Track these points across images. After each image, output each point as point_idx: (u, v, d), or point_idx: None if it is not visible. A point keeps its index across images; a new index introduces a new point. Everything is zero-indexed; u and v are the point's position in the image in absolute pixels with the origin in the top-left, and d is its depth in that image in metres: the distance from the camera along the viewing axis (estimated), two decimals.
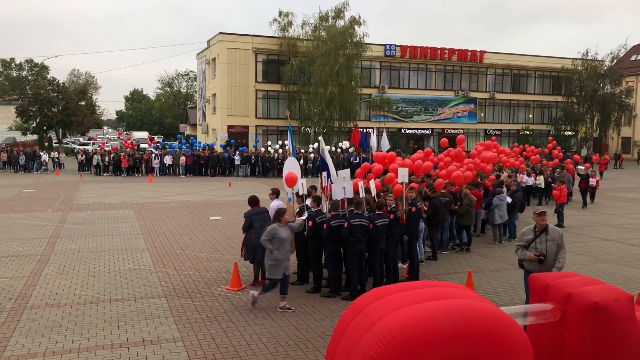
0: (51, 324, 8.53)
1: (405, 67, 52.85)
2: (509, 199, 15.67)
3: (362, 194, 11.21)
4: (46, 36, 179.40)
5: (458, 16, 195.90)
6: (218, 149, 41.76)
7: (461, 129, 53.74)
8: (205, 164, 36.78)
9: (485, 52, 54.79)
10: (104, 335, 8.09)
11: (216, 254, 13.53)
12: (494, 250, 14.67)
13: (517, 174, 20.71)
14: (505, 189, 15.80)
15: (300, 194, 11.41)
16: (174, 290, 10.44)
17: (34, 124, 56.35)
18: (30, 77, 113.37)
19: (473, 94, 55.06)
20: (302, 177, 12.11)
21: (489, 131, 55.54)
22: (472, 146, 29.37)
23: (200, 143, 43.52)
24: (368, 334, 3.93)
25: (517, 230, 15.83)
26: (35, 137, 58.64)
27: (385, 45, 51.30)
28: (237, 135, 46.53)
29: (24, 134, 64.29)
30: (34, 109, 52.74)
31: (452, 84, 54.55)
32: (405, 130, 52.61)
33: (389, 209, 10.85)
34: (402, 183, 12.12)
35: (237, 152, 37.75)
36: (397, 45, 51.60)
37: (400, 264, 11.69)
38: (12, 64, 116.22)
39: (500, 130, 56.69)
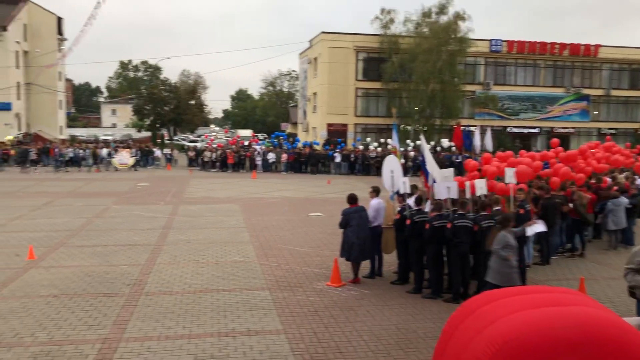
0: (164, 310, 9.05)
1: (511, 62, 50.73)
2: (625, 201, 14.47)
3: (467, 194, 10.91)
4: (160, 39, 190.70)
5: (571, 10, 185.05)
6: (318, 146, 42.33)
7: (572, 128, 50.79)
8: (306, 161, 37.41)
9: (600, 46, 51.30)
10: (212, 324, 8.46)
11: (316, 249, 13.73)
12: (609, 257, 13.71)
13: (636, 177, 19.18)
14: (621, 192, 14.69)
15: (402, 192, 11.29)
16: (276, 283, 10.72)
17: (148, 122, 60.10)
18: (145, 78, 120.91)
19: (586, 91, 51.79)
20: (403, 175, 12.00)
21: (602, 130, 51.96)
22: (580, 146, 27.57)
23: (297, 140, 44.33)
24: (479, 337, 3.80)
25: (635, 238, 14.70)
26: (149, 134, 62.49)
27: (490, 40, 49.54)
28: (336, 134, 46.93)
29: (139, 131, 68.69)
30: (148, 108, 56.22)
31: (562, 80, 51.60)
32: (511, 129, 50.53)
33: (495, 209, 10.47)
34: (509, 184, 11.65)
35: (337, 149, 38.07)
36: (504, 41, 49.65)
37: None
38: (130, 66, 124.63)
39: (616, 129, 52.82)
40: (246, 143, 40.44)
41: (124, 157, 36.76)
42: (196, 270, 11.63)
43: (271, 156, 37.63)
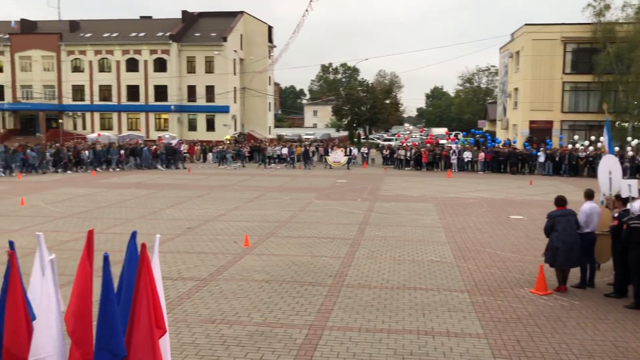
0: (364, 303, 9.37)
1: None
2: None
3: None
4: (359, 41, 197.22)
5: None
6: (519, 145, 40.13)
7: None
8: (505, 161, 35.68)
9: None
10: (410, 321, 8.53)
11: (518, 254, 13.04)
12: None
13: None
14: None
15: (625, 196, 10.18)
16: (475, 286, 10.42)
17: (346, 122, 62.57)
18: (343, 79, 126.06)
19: None
20: (623, 177, 10.82)
21: None
22: None
23: (493, 139, 42.40)
24: None
25: None
26: (346, 133, 65.00)
27: None
28: (539, 131, 43.97)
29: (338, 130, 71.77)
30: (346, 108, 58.58)
31: None
32: None
33: None
34: None
35: (541, 149, 35.64)
36: None
37: None
38: (330, 69, 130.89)
39: None
40: (453, 146, 38.96)
41: (338, 156, 38.53)
42: (393, 266, 11.82)
43: (467, 155, 36.63)
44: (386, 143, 51.34)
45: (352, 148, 40.82)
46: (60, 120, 57.28)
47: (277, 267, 11.65)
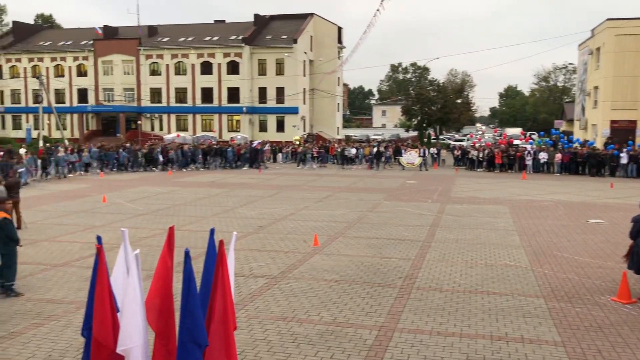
0: (435, 306, 9.23)
1: None
2: None
3: None
4: (431, 40, 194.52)
5: None
6: (598, 145, 38.27)
7: None
8: (584, 162, 34.11)
9: None
10: (483, 326, 8.33)
11: (598, 259, 12.45)
12: None
13: None
14: None
15: None
16: (552, 292, 10.04)
17: (415, 122, 61.83)
18: (413, 79, 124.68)
19: None
20: None
21: None
22: None
23: (575, 139, 40.62)
24: None
25: None
26: (415, 133, 64.24)
27: None
28: (621, 132, 41.74)
29: (407, 130, 71.04)
30: (416, 108, 57.89)
31: None
32: None
33: None
34: None
35: (624, 150, 33.81)
36: None
37: None
38: (399, 68, 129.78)
39: None
40: (528, 147, 37.32)
41: (412, 157, 38.02)
42: (465, 270, 11.58)
43: (543, 156, 35.30)
44: (457, 143, 50.31)
45: (426, 149, 40.21)
46: (139, 122, 59.94)
47: (346, 267, 11.69)
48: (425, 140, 56.13)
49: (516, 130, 62.80)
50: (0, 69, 67.36)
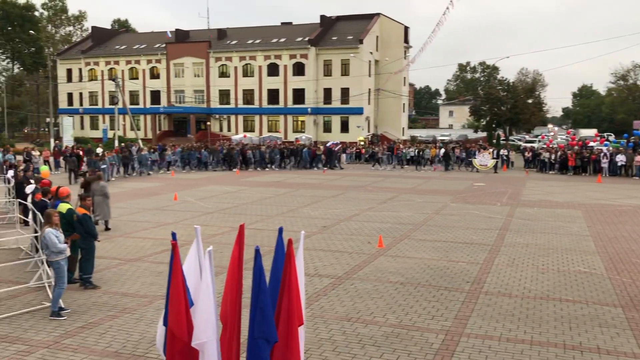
0: (504, 312, 8.98)
1: None
2: None
3: None
4: (500, 38, 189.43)
5: None
6: None
7: None
8: None
9: None
10: (555, 334, 8.02)
11: None
12: None
13: None
14: None
15: None
16: (630, 301, 9.54)
17: (484, 122, 60.30)
18: (482, 79, 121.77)
19: None
20: None
21: None
22: None
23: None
24: None
25: None
26: (484, 134, 62.68)
27: None
28: None
29: (475, 131, 69.46)
30: (484, 108, 56.39)
31: None
32: None
33: None
34: None
35: None
36: None
37: None
38: (467, 68, 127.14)
39: None
40: (604, 149, 35.49)
41: (485, 159, 36.87)
42: (536, 275, 11.20)
43: (621, 158, 33.59)
44: (528, 145, 48.70)
45: (499, 150, 38.93)
46: (208, 123, 61.60)
47: (411, 270, 11.56)
48: (494, 141, 54.67)
49: (590, 132, 60.14)
50: (80, 72, 70.98)
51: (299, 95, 60.91)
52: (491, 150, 38.43)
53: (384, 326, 8.36)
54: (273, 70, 61.97)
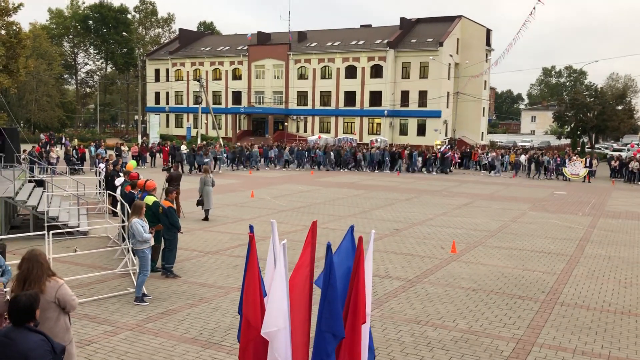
0: (580, 324, 8.69)
1: None
2: None
3: None
4: (590, 41, 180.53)
5: None
6: None
7: None
8: None
9: None
10: (636, 350, 7.70)
11: None
12: None
13: None
14: None
15: None
16: None
17: (568, 129, 57.84)
18: (567, 84, 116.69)
19: None
20: None
21: None
22: None
23: None
24: None
25: None
26: (568, 141, 60.10)
27: None
28: None
29: (559, 138, 66.73)
30: (569, 114, 54.14)
31: None
32: None
33: None
34: None
35: None
36: None
37: None
38: (552, 72, 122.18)
39: None
40: None
41: (577, 167, 34.75)
42: (617, 289, 10.73)
43: None
44: (616, 154, 46.23)
45: (592, 159, 36.74)
46: (285, 123, 62.64)
47: (484, 277, 11.38)
48: (579, 149, 52.29)
49: None
50: (167, 72, 74.28)
51: (375, 97, 60.80)
52: (583, 158, 36.27)
53: (453, 331, 8.32)
54: (351, 72, 62.21)
